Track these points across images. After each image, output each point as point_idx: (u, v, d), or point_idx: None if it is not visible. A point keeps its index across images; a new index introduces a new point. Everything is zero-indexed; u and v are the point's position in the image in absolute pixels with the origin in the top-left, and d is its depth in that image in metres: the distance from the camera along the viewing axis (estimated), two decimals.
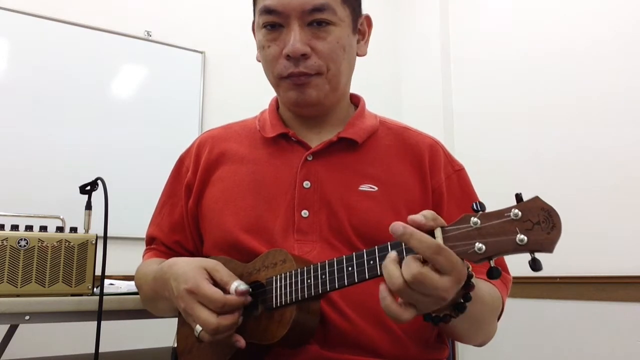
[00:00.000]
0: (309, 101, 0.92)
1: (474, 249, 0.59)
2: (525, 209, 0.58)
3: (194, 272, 0.79)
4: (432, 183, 0.94)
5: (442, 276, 0.59)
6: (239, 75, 2.75)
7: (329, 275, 0.71)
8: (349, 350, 0.82)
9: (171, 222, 1.03)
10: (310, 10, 0.87)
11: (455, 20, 3.18)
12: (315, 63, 0.88)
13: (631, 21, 2.32)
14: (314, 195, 0.90)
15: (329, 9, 0.88)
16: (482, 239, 0.59)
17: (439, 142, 1.01)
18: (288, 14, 0.87)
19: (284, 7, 0.87)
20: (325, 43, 0.88)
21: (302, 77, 0.89)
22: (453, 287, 0.60)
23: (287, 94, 0.93)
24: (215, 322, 0.74)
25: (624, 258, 2.21)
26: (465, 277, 0.62)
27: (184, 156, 1.06)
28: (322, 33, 0.88)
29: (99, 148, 2.41)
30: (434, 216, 0.63)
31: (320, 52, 0.88)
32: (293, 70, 0.89)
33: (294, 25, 0.87)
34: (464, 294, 0.65)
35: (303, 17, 0.87)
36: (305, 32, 0.88)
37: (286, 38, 0.88)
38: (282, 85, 0.92)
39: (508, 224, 0.58)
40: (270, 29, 0.90)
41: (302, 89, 0.90)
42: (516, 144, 2.72)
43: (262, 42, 0.91)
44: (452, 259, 0.59)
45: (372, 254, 0.67)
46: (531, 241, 0.57)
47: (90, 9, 2.51)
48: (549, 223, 0.57)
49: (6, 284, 1.11)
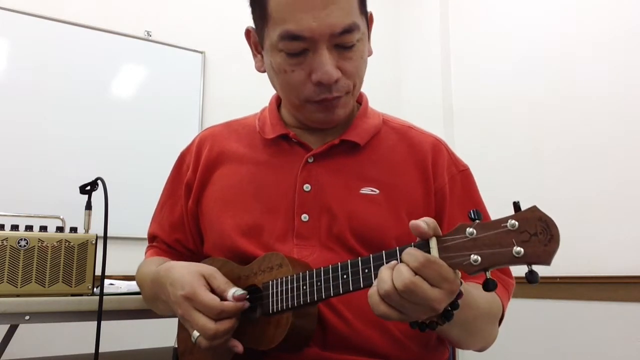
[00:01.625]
0: (336, 120, 0.90)
1: (469, 261, 0.58)
2: (522, 219, 0.57)
3: (190, 278, 0.78)
4: (435, 184, 0.92)
5: (433, 288, 0.59)
6: (239, 75, 2.75)
7: (324, 282, 0.71)
8: (349, 352, 0.82)
9: (171, 220, 1.03)
10: (339, 33, 0.80)
11: (455, 20, 3.18)
12: (345, 84, 0.85)
13: (631, 21, 2.32)
14: (314, 199, 0.89)
15: (356, 28, 0.82)
16: (478, 250, 0.58)
17: (442, 141, 0.99)
18: (316, 40, 0.80)
19: (311, 32, 0.79)
20: (353, 62, 0.84)
21: (334, 101, 0.86)
22: (445, 299, 0.60)
23: (313, 116, 0.89)
24: (213, 328, 0.73)
25: (624, 258, 2.21)
26: (458, 289, 0.61)
27: (185, 153, 1.05)
28: (349, 53, 0.83)
29: (99, 148, 2.41)
30: (434, 225, 0.62)
31: (348, 72, 0.85)
32: (327, 96, 0.84)
33: (322, 49, 0.81)
34: (452, 302, 0.64)
35: (331, 40, 0.81)
36: (334, 54, 0.82)
37: (313, 63, 0.82)
38: (309, 107, 0.88)
39: (504, 235, 0.57)
40: (292, 55, 0.82)
41: (331, 110, 0.87)
42: (516, 143, 2.72)
43: (283, 66, 0.84)
44: (441, 272, 0.59)
45: (367, 262, 0.66)
46: (528, 253, 0.55)
47: (90, 9, 2.51)
48: (546, 235, 0.55)
49: (6, 284, 1.11)
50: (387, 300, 0.61)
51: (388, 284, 0.60)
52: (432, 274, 0.58)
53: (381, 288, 0.60)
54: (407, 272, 0.59)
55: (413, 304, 0.60)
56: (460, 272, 0.61)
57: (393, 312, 0.61)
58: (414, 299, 0.59)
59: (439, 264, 0.59)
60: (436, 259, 0.59)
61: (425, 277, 0.59)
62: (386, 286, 0.60)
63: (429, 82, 3.18)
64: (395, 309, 0.61)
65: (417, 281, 0.58)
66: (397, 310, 0.61)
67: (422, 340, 0.88)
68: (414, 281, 0.58)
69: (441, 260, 0.59)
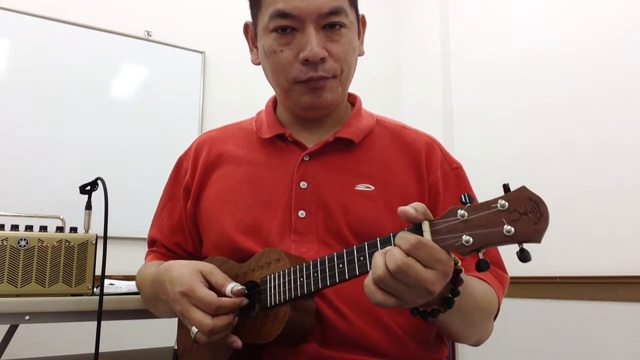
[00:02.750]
0: (324, 104, 0.92)
1: (461, 242, 0.59)
2: (512, 199, 0.57)
3: (189, 275, 0.79)
4: (428, 181, 0.93)
5: (427, 269, 0.59)
6: (239, 75, 2.75)
7: (320, 273, 0.72)
8: (348, 349, 0.82)
9: (171, 224, 1.03)
10: (326, 13, 0.86)
11: (455, 20, 3.18)
12: (331, 66, 0.88)
13: (632, 20, 2.32)
14: (311, 196, 0.90)
15: (343, 11, 0.87)
16: (469, 231, 0.59)
17: (436, 140, 1.01)
18: (303, 18, 0.85)
19: (299, 11, 0.85)
20: (340, 46, 0.88)
21: (320, 81, 0.88)
22: (439, 280, 0.60)
23: (301, 98, 0.91)
24: (211, 323, 0.74)
25: (624, 258, 2.21)
26: (452, 271, 0.62)
27: (182, 158, 1.06)
28: (336, 36, 0.88)
29: (99, 148, 2.41)
30: (424, 210, 0.63)
31: (335, 55, 0.88)
32: (313, 74, 0.87)
33: (309, 29, 0.86)
34: (452, 289, 0.65)
35: (318, 21, 0.86)
36: (321, 35, 0.87)
37: (301, 42, 0.86)
38: (297, 89, 0.91)
39: (495, 215, 0.58)
40: (281, 32, 0.88)
41: (318, 92, 0.90)
42: (516, 143, 2.72)
43: (273, 46, 0.89)
44: (433, 253, 0.59)
45: (362, 250, 0.67)
46: (518, 232, 0.56)
47: (90, 9, 2.51)
48: (536, 213, 0.56)
49: (6, 284, 1.11)
50: (381, 285, 0.61)
51: (381, 268, 0.60)
52: (424, 255, 0.59)
53: (374, 273, 0.61)
54: (399, 254, 0.59)
55: (407, 286, 0.60)
56: (456, 257, 0.62)
57: (389, 298, 0.61)
58: (407, 279, 0.59)
59: (430, 246, 0.59)
60: (428, 241, 0.60)
61: (418, 259, 0.59)
62: (379, 271, 0.60)
63: (429, 82, 3.18)
64: (391, 294, 0.61)
65: (409, 262, 0.59)
66: (393, 296, 0.61)
67: (421, 337, 0.88)
68: (405, 262, 0.58)
69: (433, 242, 0.60)
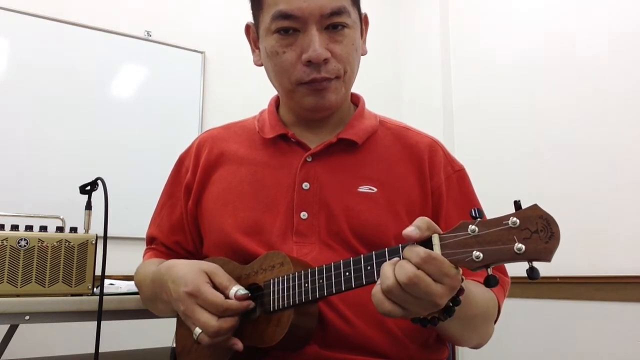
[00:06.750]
0: (327, 105, 0.91)
1: (471, 257, 0.59)
2: (523, 217, 0.58)
3: (193, 275, 0.78)
4: (431, 183, 0.93)
5: (436, 283, 0.59)
6: (239, 75, 2.75)
7: (326, 280, 0.71)
8: (348, 350, 0.82)
9: (171, 222, 1.03)
10: (328, 14, 0.85)
11: (455, 20, 3.18)
12: (335, 67, 0.87)
13: (632, 19, 2.32)
14: (313, 197, 0.90)
15: (345, 12, 0.87)
16: (480, 247, 0.59)
17: (438, 142, 1.00)
18: (306, 19, 0.85)
19: (302, 12, 0.84)
20: (343, 46, 0.87)
21: (324, 82, 0.88)
22: (446, 294, 0.60)
23: (305, 100, 0.90)
24: (217, 325, 0.74)
25: (624, 258, 2.21)
26: (459, 285, 0.62)
27: (184, 156, 1.06)
28: (339, 36, 0.87)
29: (99, 148, 2.41)
30: (428, 224, 0.63)
31: (338, 55, 0.87)
32: (316, 75, 0.87)
33: (312, 29, 0.85)
34: (453, 298, 0.65)
35: (321, 21, 0.85)
36: (323, 36, 0.86)
37: (303, 43, 0.86)
38: (300, 91, 0.90)
39: (506, 232, 0.58)
40: (284, 34, 0.87)
41: (322, 93, 0.89)
42: (516, 143, 2.72)
43: (275, 47, 0.88)
44: (442, 269, 0.59)
45: (369, 259, 0.67)
46: (529, 250, 0.56)
47: (90, 9, 2.51)
48: (547, 232, 0.56)
49: (6, 284, 1.11)
50: (390, 296, 0.61)
51: (391, 279, 0.60)
52: (433, 269, 0.59)
53: (384, 284, 0.61)
54: (410, 267, 0.60)
55: (416, 299, 0.60)
56: (461, 269, 0.62)
57: (396, 308, 0.62)
58: (417, 292, 0.59)
59: (440, 260, 0.59)
60: (438, 255, 0.60)
61: (427, 273, 0.59)
62: (389, 282, 0.60)
63: (429, 82, 3.18)
64: (399, 304, 0.62)
65: (420, 275, 0.59)
66: (400, 307, 0.62)
67: (421, 339, 0.88)
68: (417, 274, 0.59)
69: (442, 257, 0.60)
